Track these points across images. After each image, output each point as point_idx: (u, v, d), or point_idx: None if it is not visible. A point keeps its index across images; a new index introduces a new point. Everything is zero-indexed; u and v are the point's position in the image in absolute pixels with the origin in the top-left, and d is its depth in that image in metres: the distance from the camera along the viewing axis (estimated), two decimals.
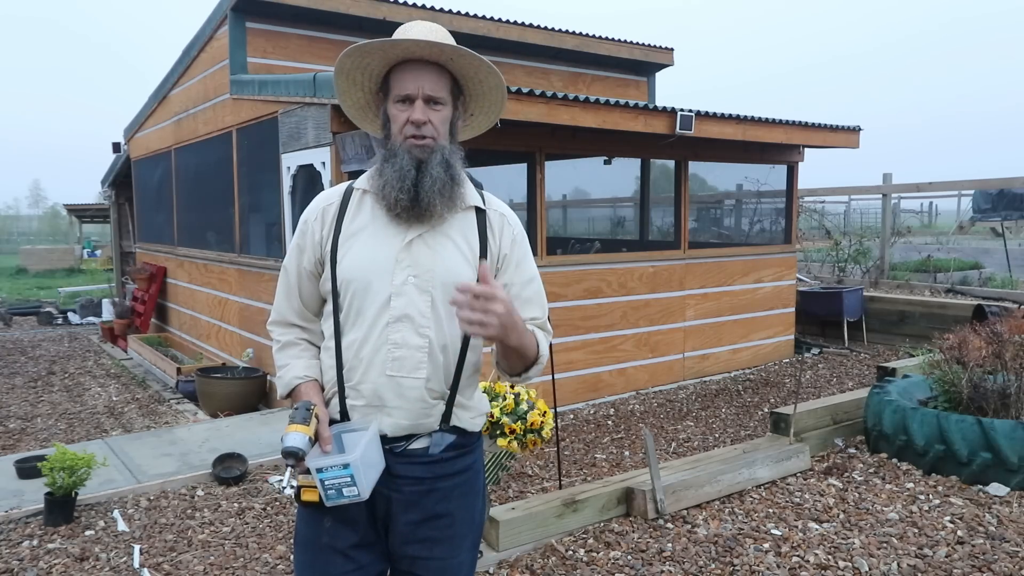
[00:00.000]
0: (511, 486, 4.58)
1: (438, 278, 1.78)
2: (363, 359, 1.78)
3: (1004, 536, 3.62)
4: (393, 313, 1.77)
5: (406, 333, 1.77)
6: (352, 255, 1.80)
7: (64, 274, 20.92)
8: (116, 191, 12.16)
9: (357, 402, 1.81)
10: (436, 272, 1.78)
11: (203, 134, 7.91)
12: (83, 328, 11.46)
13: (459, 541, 1.88)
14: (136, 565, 3.61)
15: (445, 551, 1.86)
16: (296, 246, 1.88)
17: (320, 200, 1.89)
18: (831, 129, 7.70)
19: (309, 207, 1.90)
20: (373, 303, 1.77)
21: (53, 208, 48.34)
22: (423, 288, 1.78)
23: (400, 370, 1.78)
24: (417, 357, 1.78)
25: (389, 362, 1.77)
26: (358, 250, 1.80)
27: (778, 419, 4.89)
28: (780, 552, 3.52)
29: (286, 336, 1.90)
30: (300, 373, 1.84)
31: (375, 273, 1.77)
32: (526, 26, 8.28)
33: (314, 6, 6.81)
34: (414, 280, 1.77)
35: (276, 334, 1.91)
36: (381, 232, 1.80)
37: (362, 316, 1.79)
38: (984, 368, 4.62)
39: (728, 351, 7.73)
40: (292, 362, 1.86)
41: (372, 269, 1.78)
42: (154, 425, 6.11)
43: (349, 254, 1.80)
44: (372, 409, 1.80)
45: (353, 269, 1.79)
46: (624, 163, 8.22)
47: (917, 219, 24.31)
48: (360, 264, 1.78)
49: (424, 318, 1.78)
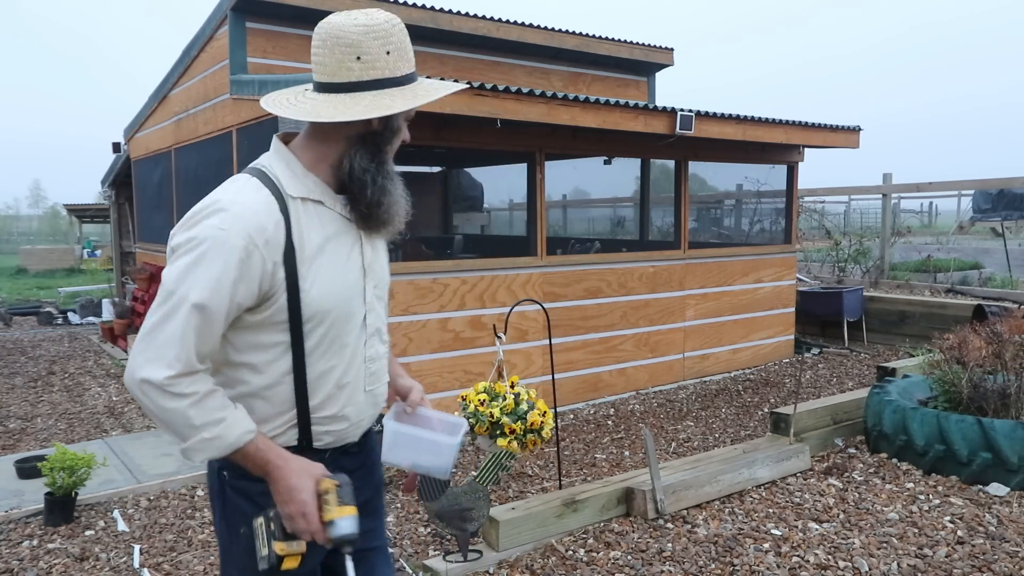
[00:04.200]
0: (511, 486, 4.58)
1: (385, 282, 1.77)
2: (347, 385, 1.66)
3: (1004, 536, 3.62)
4: (368, 330, 1.70)
5: (377, 345, 1.73)
6: (323, 282, 1.58)
7: (64, 274, 20.91)
8: (116, 191, 12.16)
9: (333, 427, 1.68)
10: (384, 276, 1.77)
11: (203, 134, 7.91)
12: (83, 328, 11.45)
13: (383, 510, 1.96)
14: (136, 565, 3.61)
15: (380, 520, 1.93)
16: (230, 279, 1.48)
17: (253, 220, 1.50)
18: (831, 129, 7.70)
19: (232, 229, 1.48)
20: (354, 329, 1.66)
21: (53, 208, 48.37)
22: (381, 296, 1.75)
23: (376, 383, 1.74)
24: (383, 363, 1.77)
25: (367, 378, 1.71)
26: (328, 275, 1.59)
27: (778, 419, 4.89)
28: (780, 552, 3.52)
29: (200, 386, 1.49)
30: (248, 427, 1.53)
31: (354, 299, 1.64)
32: (526, 26, 8.28)
33: (314, 6, 6.81)
34: (375, 291, 1.71)
35: (184, 386, 1.47)
36: (339, 247, 1.63)
37: (342, 344, 1.64)
38: (984, 368, 4.62)
39: (728, 351, 7.73)
40: (228, 414, 1.51)
41: (350, 296, 1.63)
42: (154, 425, 6.11)
43: (318, 281, 1.57)
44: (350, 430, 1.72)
45: (330, 298, 1.59)
46: (624, 163, 8.22)
47: (917, 219, 24.34)
48: (336, 291, 1.60)
49: (385, 325, 1.75)
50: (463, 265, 6.05)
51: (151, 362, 1.46)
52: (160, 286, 1.51)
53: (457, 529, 3.44)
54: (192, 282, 1.46)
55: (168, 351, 1.46)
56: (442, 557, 3.49)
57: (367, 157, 1.62)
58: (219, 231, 1.47)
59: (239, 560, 1.67)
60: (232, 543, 1.68)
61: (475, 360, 5.97)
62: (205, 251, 1.47)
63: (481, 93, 5.17)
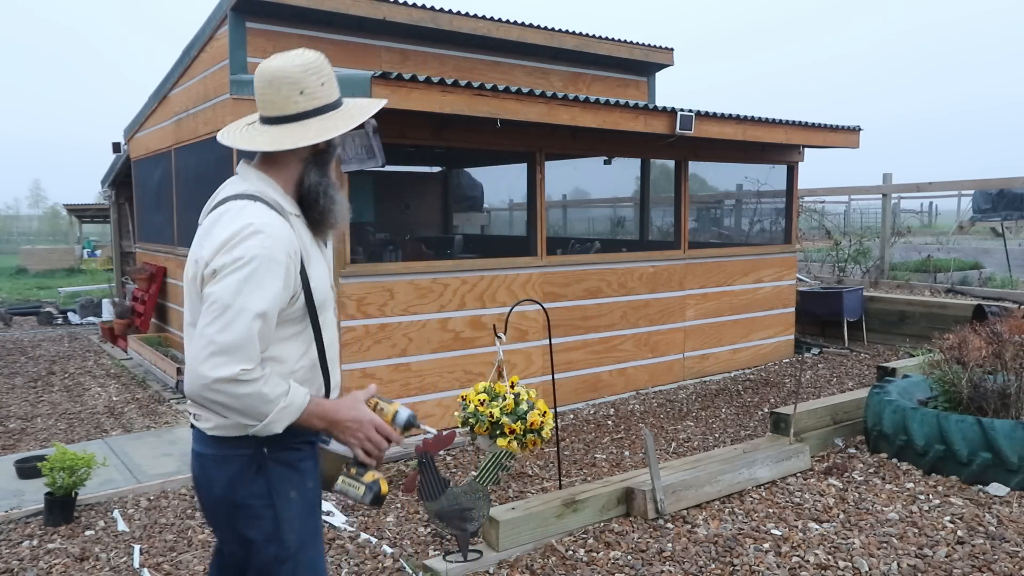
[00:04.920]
0: (511, 486, 4.58)
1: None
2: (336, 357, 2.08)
3: (1004, 536, 3.62)
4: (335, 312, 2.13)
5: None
6: (316, 275, 1.96)
7: (64, 274, 20.91)
8: (116, 191, 12.16)
9: (335, 394, 2.07)
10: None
11: (203, 134, 7.90)
12: (83, 328, 11.46)
13: None
14: (136, 565, 3.61)
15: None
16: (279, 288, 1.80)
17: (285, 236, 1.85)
18: (831, 129, 7.70)
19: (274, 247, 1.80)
20: (331, 311, 2.05)
21: (53, 208, 48.34)
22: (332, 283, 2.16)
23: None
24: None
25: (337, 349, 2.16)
26: (318, 269, 1.98)
27: (778, 419, 4.89)
28: (780, 552, 3.52)
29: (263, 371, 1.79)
30: (304, 390, 1.87)
31: (329, 288, 2.04)
32: (526, 26, 8.28)
33: (314, 6, 6.81)
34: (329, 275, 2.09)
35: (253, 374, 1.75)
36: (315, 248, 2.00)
37: (331, 324, 2.04)
38: (984, 368, 4.62)
39: (728, 351, 7.73)
40: (288, 385, 1.83)
41: (327, 285, 2.02)
42: (154, 425, 6.11)
43: (314, 275, 1.95)
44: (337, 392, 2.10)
45: (322, 289, 1.97)
46: (624, 163, 8.22)
47: (917, 219, 24.34)
48: (323, 283, 1.99)
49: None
50: (463, 265, 6.05)
51: (221, 364, 1.72)
52: (212, 301, 1.76)
53: (457, 529, 3.44)
54: (249, 294, 1.76)
55: (236, 353, 1.73)
56: (442, 557, 3.49)
57: (318, 173, 1.96)
58: (264, 249, 1.78)
59: (292, 523, 1.94)
60: (284, 510, 1.93)
61: (475, 360, 5.97)
62: (256, 267, 1.77)
63: (481, 93, 5.17)
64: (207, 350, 1.72)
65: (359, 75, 4.81)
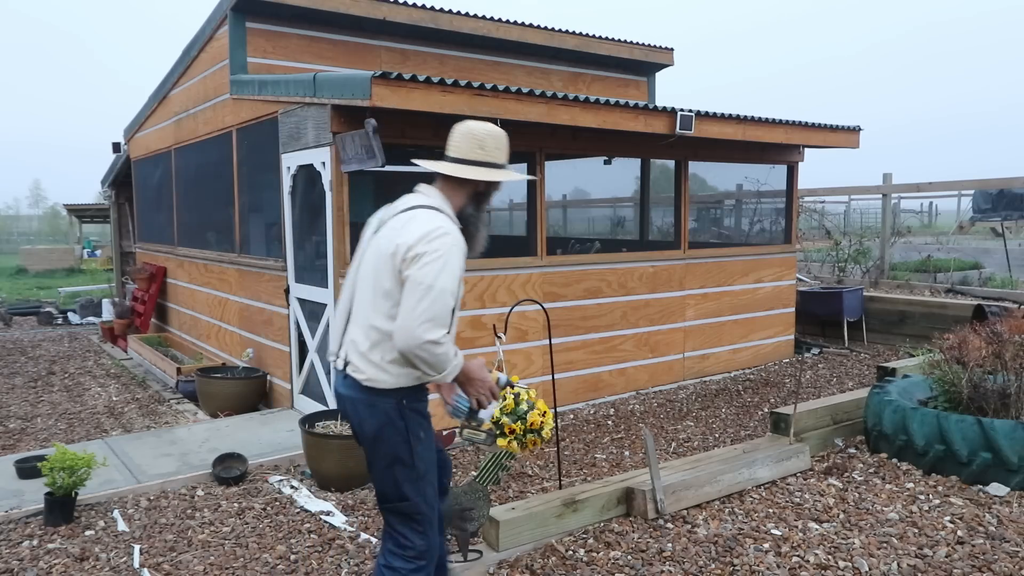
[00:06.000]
0: (511, 486, 4.58)
1: None
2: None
3: (1004, 536, 3.62)
4: None
5: None
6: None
7: (64, 274, 20.92)
8: (116, 191, 12.16)
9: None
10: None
11: (203, 134, 7.91)
12: (83, 328, 11.46)
13: None
14: (136, 565, 3.61)
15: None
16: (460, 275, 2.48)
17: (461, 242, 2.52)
18: (831, 129, 7.70)
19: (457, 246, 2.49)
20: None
21: (53, 208, 48.36)
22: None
23: None
24: None
25: None
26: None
27: (778, 419, 4.89)
28: (780, 552, 3.52)
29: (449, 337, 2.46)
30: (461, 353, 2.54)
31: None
32: (526, 26, 8.28)
33: (314, 6, 6.81)
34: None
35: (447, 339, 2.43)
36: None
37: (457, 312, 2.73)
38: (984, 368, 4.62)
39: (728, 351, 7.73)
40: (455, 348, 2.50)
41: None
42: (154, 425, 6.11)
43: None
44: None
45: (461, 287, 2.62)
46: (624, 163, 8.21)
47: (917, 219, 24.33)
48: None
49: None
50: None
51: (432, 329, 2.38)
52: (418, 282, 2.39)
53: (457, 529, 3.44)
54: (446, 278, 2.41)
55: (439, 321, 2.39)
56: None
57: (474, 207, 2.69)
58: (452, 247, 2.46)
59: (424, 455, 2.59)
60: (417, 447, 2.57)
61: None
62: (448, 259, 2.43)
63: (481, 93, 5.17)
64: (421, 317, 2.36)
65: (359, 75, 4.81)
